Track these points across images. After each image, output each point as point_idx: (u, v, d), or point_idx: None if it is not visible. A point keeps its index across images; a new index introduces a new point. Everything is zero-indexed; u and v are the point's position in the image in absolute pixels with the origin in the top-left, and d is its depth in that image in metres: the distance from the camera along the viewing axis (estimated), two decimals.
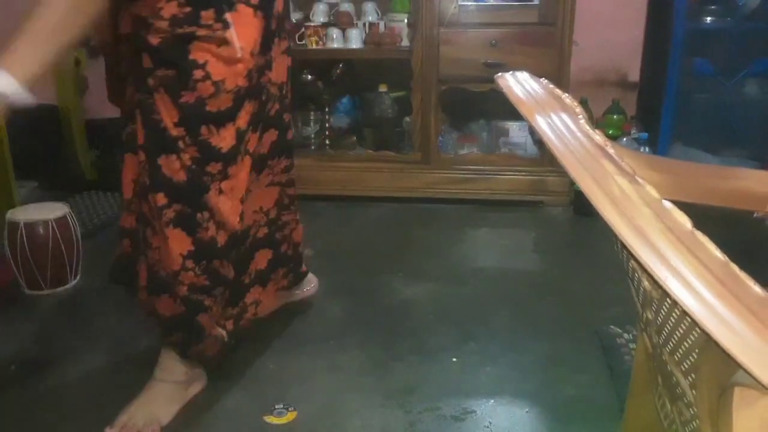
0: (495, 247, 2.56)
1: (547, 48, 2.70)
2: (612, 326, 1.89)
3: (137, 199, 1.47)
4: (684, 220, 0.52)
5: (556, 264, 2.40)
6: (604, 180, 0.58)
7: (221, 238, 1.46)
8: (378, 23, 2.91)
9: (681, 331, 0.64)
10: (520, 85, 0.82)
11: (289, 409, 1.59)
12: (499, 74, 0.87)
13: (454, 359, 1.79)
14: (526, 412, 1.59)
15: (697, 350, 0.63)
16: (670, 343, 0.69)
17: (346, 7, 2.92)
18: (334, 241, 2.59)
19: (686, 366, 0.67)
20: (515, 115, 0.81)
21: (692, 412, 0.69)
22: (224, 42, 1.35)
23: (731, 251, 0.50)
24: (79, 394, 1.67)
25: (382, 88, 3.03)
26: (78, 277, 2.27)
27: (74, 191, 2.99)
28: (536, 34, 2.71)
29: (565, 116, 0.72)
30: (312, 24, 2.90)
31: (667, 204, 0.54)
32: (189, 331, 1.52)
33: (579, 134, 0.68)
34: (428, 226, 2.74)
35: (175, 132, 1.36)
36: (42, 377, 1.73)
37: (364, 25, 2.92)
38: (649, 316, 0.75)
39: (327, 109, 3.12)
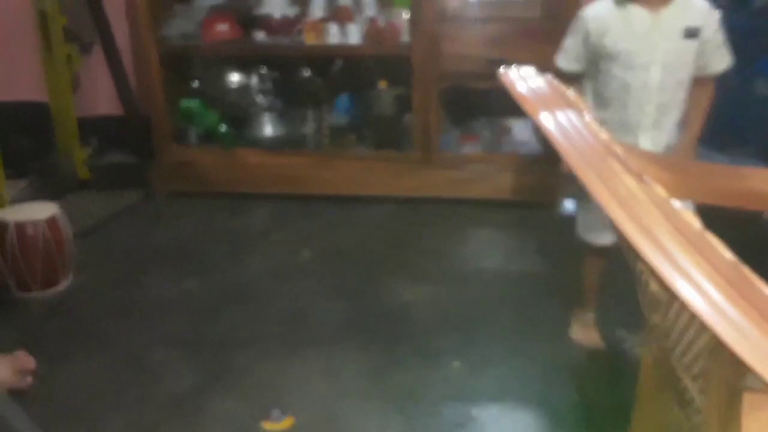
0: (498, 248, 2.54)
1: (552, 43, 2.65)
2: (617, 330, 1.87)
3: None
4: (693, 221, 0.52)
5: (561, 266, 2.36)
6: (611, 179, 0.58)
7: None
8: (377, 18, 2.89)
9: (689, 334, 0.64)
10: (523, 81, 0.82)
11: (287, 414, 1.58)
12: (503, 70, 0.86)
13: (456, 363, 1.77)
14: (530, 418, 1.57)
15: (705, 354, 0.62)
16: (679, 347, 0.68)
17: (345, 1, 2.89)
18: (333, 241, 2.57)
19: (695, 371, 0.66)
20: (519, 112, 0.80)
21: (700, 417, 0.69)
22: None
23: (741, 252, 0.50)
24: (70, 396, 1.66)
25: (382, 85, 3.00)
26: (69, 279, 2.25)
27: (66, 191, 2.97)
28: (540, 29, 2.67)
29: (570, 113, 0.71)
30: (309, 19, 2.87)
31: (676, 204, 0.54)
32: None
33: (585, 132, 0.68)
34: (429, 226, 2.72)
35: None
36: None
37: (364, 20, 2.89)
38: (656, 320, 0.74)
39: (325, 107, 3.09)
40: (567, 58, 1.73)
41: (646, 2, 1.59)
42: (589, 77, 1.73)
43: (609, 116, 1.68)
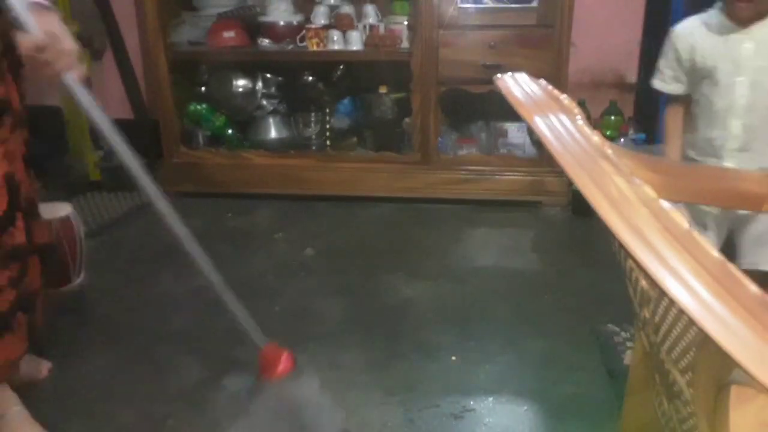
0: (494, 247, 2.58)
1: (546, 50, 2.72)
2: (609, 325, 1.91)
3: None
4: (681, 220, 0.52)
5: (555, 263, 2.42)
6: (602, 180, 0.58)
7: None
8: (378, 25, 2.93)
9: (678, 329, 0.65)
10: (518, 86, 0.83)
11: None
12: (498, 76, 0.88)
13: (454, 357, 1.81)
14: (525, 410, 1.61)
15: (694, 349, 0.63)
16: (668, 341, 0.69)
17: (347, 9, 2.94)
18: (335, 240, 2.61)
19: (683, 364, 0.67)
20: (514, 116, 0.81)
21: (689, 410, 0.70)
22: None
23: (727, 251, 0.51)
24: (83, 390, 1.69)
25: (382, 90, 3.05)
26: (81, 277, 2.27)
27: (78, 192, 3.01)
28: (535, 36, 2.73)
29: (563, 117, 0.73)
30: (312, 26, 2.92)
31: (665, 204, 0.54)
32: None
33: (577, 135, 0.68)
34: (428, 226, 2.76)
35: None
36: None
37: (365, 27, 2.93)
38: (647, 315, 0.75)
39: (328, 111, 3.14)
40: (663, 78, 1.66)
41: (736, 17, 1.51)
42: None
43: (698, 137, 1.62)
